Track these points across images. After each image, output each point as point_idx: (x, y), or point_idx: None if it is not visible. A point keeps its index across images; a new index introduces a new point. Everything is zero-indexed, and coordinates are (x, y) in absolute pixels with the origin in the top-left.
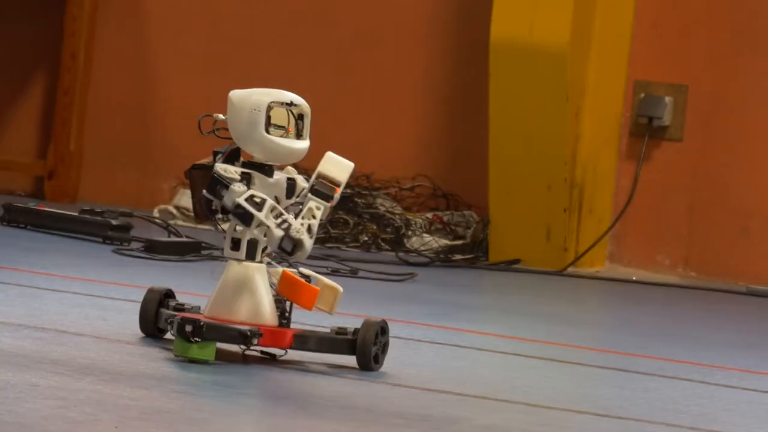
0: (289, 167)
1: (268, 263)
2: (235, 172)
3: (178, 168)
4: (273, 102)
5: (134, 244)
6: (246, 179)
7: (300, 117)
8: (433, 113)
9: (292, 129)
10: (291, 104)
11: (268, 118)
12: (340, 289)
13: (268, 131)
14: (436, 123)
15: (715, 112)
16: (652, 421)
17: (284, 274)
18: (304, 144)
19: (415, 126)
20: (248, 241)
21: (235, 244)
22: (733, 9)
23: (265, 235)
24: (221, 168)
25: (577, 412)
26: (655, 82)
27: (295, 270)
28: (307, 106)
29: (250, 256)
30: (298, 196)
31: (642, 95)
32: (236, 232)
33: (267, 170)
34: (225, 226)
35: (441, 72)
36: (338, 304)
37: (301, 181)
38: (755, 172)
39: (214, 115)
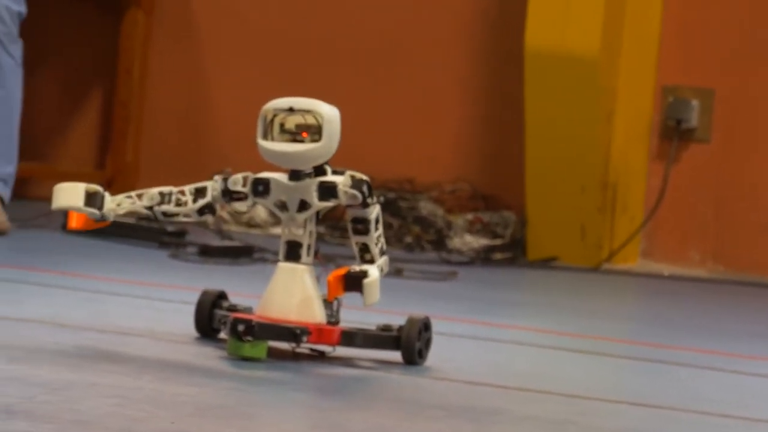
0: (351, 172)
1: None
2: (242, 178)
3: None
4: (276, 109)
5: (189, 249)
6: (263, 185)
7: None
8: (471, 119)
9: (307, 134)
10: (290, 110)
11: (271, 124)
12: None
13: (266, 137)
14: (474, 129)
15: (740, 114)
16: (685, 409)
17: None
18: (298, 147)
19: (455, 132)
20: (287, 243)
21: (287, 247)
22: (753, 14)
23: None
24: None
25: (614, 402)
26: (682, 86)
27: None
28: (318, 110)
29: (292, 257)
30: (337, 197)
31: (670, 99)
32: (288, 235)
33: (292, 175)
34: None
35: (478, 79)
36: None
37: (343, 183)
38: None
39: None
